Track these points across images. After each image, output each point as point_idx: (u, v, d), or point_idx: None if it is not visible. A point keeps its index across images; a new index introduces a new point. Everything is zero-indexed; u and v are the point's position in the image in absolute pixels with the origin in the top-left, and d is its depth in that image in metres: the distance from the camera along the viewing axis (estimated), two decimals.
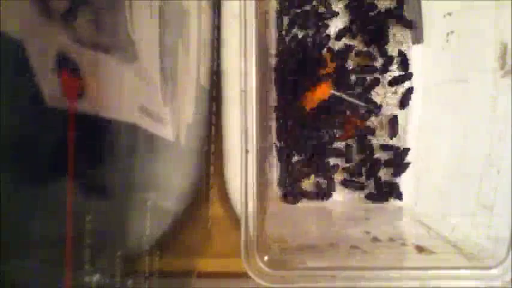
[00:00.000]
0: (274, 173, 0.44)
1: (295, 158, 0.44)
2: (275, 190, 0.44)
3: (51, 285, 0.18)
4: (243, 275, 0.30)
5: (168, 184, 0.32)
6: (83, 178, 0.19)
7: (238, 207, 0.41)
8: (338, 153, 0.44)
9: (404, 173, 0.43)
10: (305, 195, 0.44)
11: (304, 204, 0.44)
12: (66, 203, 0.18)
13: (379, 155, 0.44)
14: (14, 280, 0.16)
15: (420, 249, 0.34)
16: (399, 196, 0.43)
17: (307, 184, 0.44)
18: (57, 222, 0.18)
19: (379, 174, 0.44)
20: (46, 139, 0.17)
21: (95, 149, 0.21)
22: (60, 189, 0.18)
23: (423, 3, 0.41)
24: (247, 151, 0.30)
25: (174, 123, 0.31)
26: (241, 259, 0.29)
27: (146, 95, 0.26)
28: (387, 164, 0.44)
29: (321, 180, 0.44)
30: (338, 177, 0.44)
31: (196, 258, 0.40)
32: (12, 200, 0.15)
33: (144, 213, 0.27)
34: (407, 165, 0.43)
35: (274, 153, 0.44)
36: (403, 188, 0.43)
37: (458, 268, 0.30)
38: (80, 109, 0.19)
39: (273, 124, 0.44)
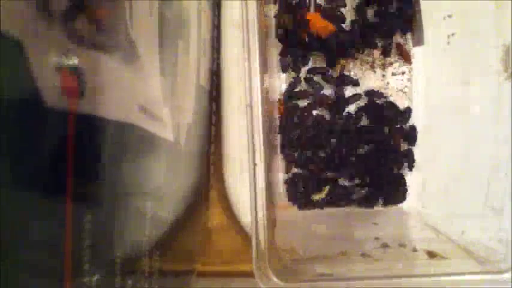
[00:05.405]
0: (281, 184, 0.43)
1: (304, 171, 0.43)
2: (284, 200, 0.43)
3: (51, 286, 0.18)
4: (243, 275, 0.30)
5: (168, 184, 0.32)
6: (82, 178, 0.19)
7: (237, 207, 0.41)
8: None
9: (410, 173, 0.42)
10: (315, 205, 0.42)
11: (312, 212, 0.42)
12: (65, 204, 0.18)
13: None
14: (13, 281, 0.16)
15: (431, 254, 0.33)
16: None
17: (319, 197, 0.42)
18: (57, 223, 0.18)
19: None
20: (46, 139, 0.17)
21: (95, 149, 0.21)
22: (59, 189, 0.18)
23: (423, 5, 0.41)
24: (255, 164, 0.29)
25: (173, 123, 0.31)
26: (240, 259, 0.29)
27: (146, 95, 0.26)
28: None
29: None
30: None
31: (196, 258, 0.40)
32: (12, 200, 0.15)
33: (143, 213, 0.27)
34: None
35: (282, 164, 0.43)
36: (409, 191, 0.42)
37: (471, 273, 0.29)
38: (79, 109, 0.19)
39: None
